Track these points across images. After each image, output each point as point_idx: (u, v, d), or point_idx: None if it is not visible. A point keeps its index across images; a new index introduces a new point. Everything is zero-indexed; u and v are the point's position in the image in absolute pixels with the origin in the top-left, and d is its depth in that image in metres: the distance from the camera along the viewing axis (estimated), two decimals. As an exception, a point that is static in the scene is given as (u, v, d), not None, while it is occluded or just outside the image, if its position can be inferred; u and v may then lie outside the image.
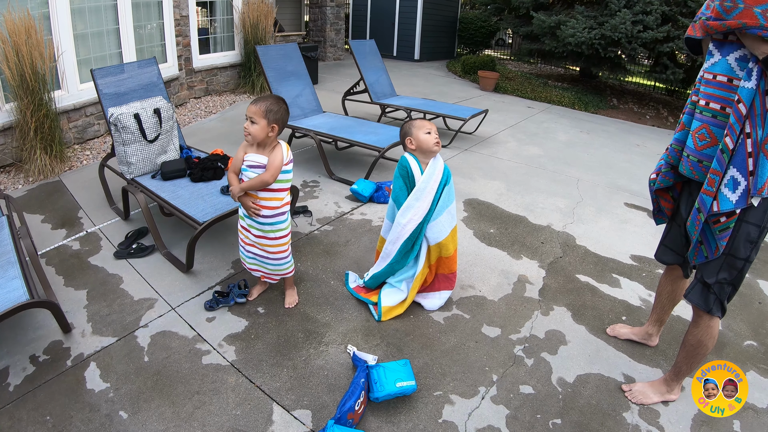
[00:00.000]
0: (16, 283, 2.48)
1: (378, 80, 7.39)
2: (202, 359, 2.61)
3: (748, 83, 1.82)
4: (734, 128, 1.86)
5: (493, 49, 18.65)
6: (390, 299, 3.01)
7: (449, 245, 2.97)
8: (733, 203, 1.91)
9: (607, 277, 3.61)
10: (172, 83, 7.34)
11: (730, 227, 1.97)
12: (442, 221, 2.92)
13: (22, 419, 2.21)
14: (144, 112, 3.74)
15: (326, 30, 13.73)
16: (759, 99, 1.80)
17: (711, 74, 2.01)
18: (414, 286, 3.01)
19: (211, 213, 3.22)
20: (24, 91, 4.67)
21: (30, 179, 4.78)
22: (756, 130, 1.82)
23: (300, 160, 5.61)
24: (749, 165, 1.86)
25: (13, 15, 4.53)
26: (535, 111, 9.29)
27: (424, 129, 2.84)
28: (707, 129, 2.01)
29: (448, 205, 2.94)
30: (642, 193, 5.30)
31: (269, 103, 2.58)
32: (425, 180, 2.84)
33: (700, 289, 2.17)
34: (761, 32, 1.72)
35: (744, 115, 1.82)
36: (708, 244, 2.06)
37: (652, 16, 9.22)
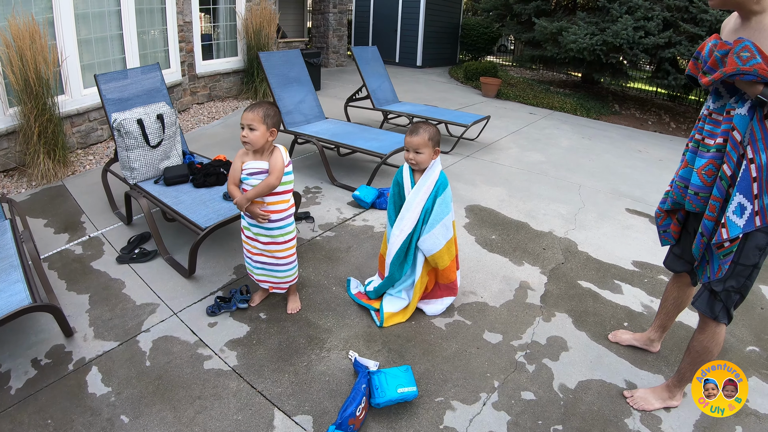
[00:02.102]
0: (18, 286, 2.49)
1: (380, 86, 7.41)
2: (204, 364, 2.61)
3: (742, 110, 1.89)
4: (731, 156, 1.92)
5: (495, 55, 18.70)
6: (392, 306, 3.02)
7: (444, 257, 2.94)
8: (741, 228, 1.94)
9: (608, 283, 3.61)
10: (175, 89, 7.37)
11: (733, 251, 2.00)
12: (435, 234, 2.88)
13: (24, 422, 2.22)
14: (147, 117, 3.76)
15: (329, 36, 13.77)
16: (758, 125, 1.85)
17: (715, 112, 2.06)
18: (415, 293, 3.01)
19: (214, 218, 3.23)
20: (28, 95, 4.70)
21: (33, 183, 4.80)
22: (759, 154, 1.85)
23: (302, 166, 5.63)
24: (754, 189, 1.89)
25: (17, 20, 4.56)
26: (537, 117, 9.30)
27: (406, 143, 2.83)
28: (714, 164, 2.02)
29: (442, 216, 2.88)
30: (644, 199, 5.30)
31: (265, 108, 2.60)
32: (414, 192, 2.84)
33: (707, 296, 2.17)
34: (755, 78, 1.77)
35: (739, 142, 1.87)
36: (712, 265, 2.08)
37: (653, 21, 9.24)
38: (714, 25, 8.65)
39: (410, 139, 2.75)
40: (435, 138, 2.77)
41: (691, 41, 9.05)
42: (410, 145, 2.76)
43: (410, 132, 2.77)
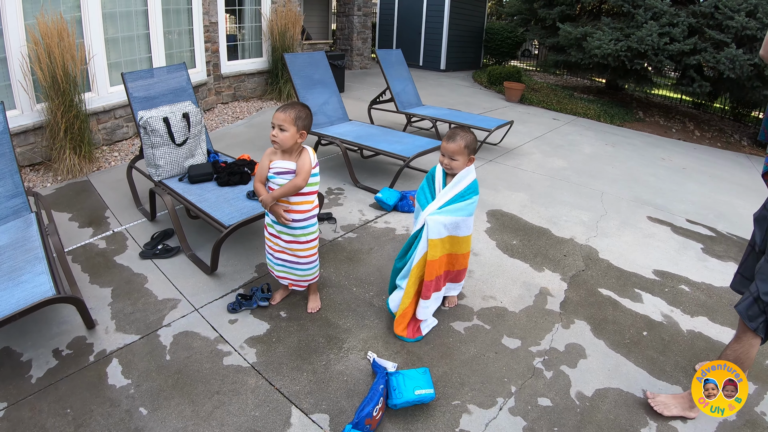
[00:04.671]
0: (43, 278, 2.54)
1: (404, 89, 7.42)
2: (223, 360, 2.63)
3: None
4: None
5: (519, 59, 18.64)
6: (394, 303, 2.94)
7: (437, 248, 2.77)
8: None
9: (629, 291, 3.57)
10: (200, 88, 7.45)
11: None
12: (442, 221, 2.74)
13: (43, 411, 2.26)
14: (173, 116, 3.81)
15: (353, 39, 13.82)
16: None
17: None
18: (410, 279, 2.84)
19: (237, 217, 3.26)
20: (55, 92, 4.79)
21: (59, 178, 4.89)
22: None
23: (325, 167, 5.65)
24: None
25: (46, 18, 4.66)
26: (561, 123, 9.24)
27: (442, 147, 2.80)
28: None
29: (459, 213, 2.78)
30: (666, 208, 5.24)
31: (298, 110, 2.61)
32: (443, 193, 2.82)
33: (750, 302, 2.14)
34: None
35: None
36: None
37: (678, 28, 9.14)
38: (740, 32, 8.54)
39: (447, 145, 2.74)
40: (471, 146, 2.76)
41: (716, 48, 8.95)
42: (446, 151, 2.74)
43: (447, 138, 2.76)
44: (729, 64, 8.54)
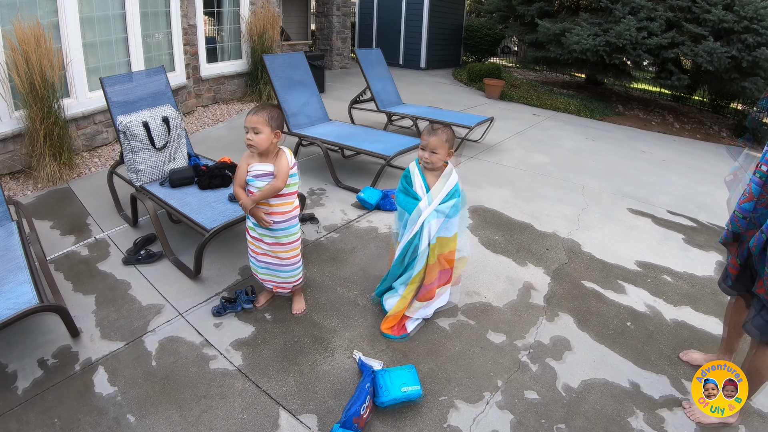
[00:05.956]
0: (25, 287, 2.51)
1: (384, 88, 7.42)
2: (210, 364, 2.63)
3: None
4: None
5: (498, 56, 18.68)
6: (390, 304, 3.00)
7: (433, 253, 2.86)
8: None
9: (612, 283, 3.61)
10: (179, 92, 7.40)
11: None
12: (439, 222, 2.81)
13: (30, 422, 2.24)
14: (153, 120, 3.78)
15: (333, 39, 13.79)
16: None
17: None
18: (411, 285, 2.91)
19: (219, 220, 3.25)
20: (33, 98, 4.73)
21: (39, 186, 4.83)
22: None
23: (307, 168, 5.65)
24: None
25: (22, 24, 4.59)
26: (541, 118, 9.31)
27: (421, 141, 2.82)
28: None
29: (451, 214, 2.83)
30: (648, 200, 5.30)
31: (269, 110, 2.61)
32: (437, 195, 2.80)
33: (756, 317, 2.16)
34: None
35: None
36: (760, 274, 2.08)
37: (656, 22, 9.24)
38: (717, 25, 8.65)
39: (428, 138, 2.76)
40: (451, 140, 2.79)
41: (694, 41, 9.06)
42: (427, 144, 2.77)
43: (428, 132, 2.78)
44: (707, 57, 8.65)
